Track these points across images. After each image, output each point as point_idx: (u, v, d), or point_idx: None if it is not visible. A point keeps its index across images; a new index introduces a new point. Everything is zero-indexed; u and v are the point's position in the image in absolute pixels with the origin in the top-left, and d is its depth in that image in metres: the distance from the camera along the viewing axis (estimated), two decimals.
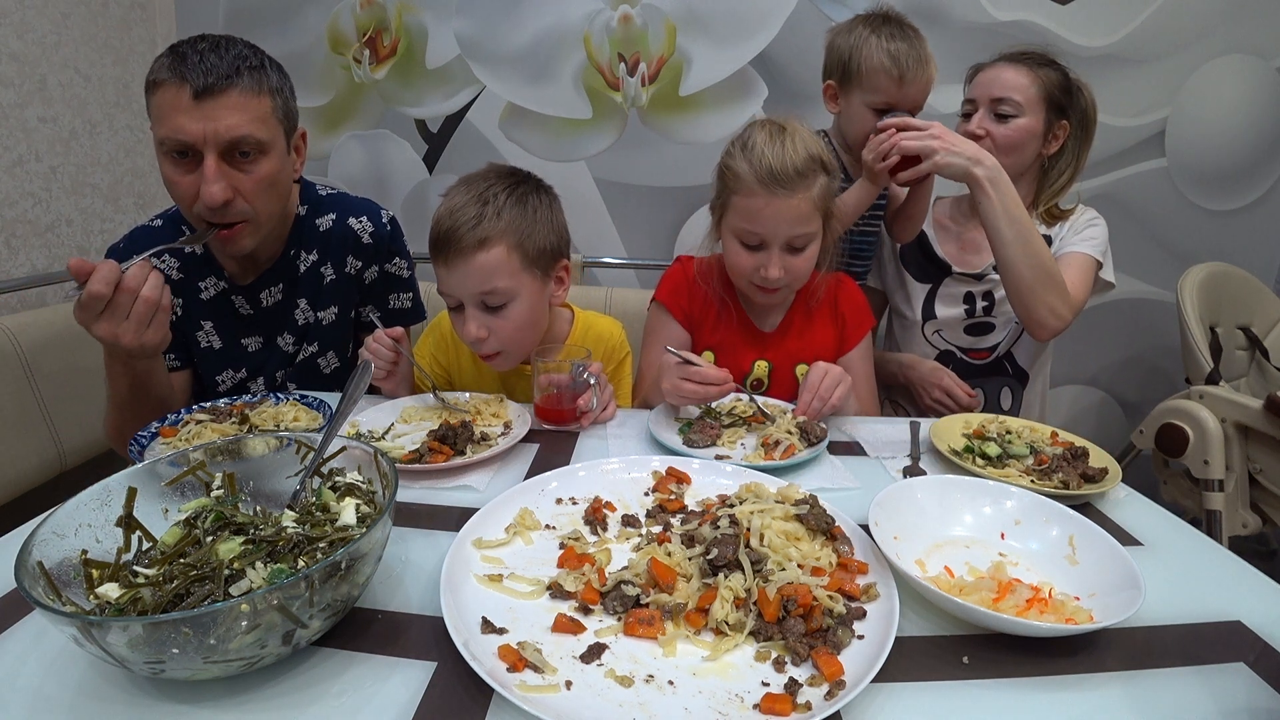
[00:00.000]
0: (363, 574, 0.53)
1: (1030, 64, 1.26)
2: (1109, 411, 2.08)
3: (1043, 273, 1.13)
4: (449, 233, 0.96)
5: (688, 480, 0.81)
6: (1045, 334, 1.18)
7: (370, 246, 1.20)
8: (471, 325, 0.99)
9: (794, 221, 1.02)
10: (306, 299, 1.17)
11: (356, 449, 0.66)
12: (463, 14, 1.81)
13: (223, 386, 1.17)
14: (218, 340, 1.14)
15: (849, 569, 0.63)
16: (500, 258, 0.97)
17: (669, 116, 1.85)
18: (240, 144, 0.95)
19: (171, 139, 0.92)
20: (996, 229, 1.12)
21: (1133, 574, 0.59)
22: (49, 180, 1.60)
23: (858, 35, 1.20)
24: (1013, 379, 1.40)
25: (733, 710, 0.48)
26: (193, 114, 0.91)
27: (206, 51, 0.92)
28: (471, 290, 0.98)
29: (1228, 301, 1.71)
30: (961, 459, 0.88)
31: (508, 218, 0.97)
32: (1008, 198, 1.10)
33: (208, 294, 1.12)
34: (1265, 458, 1.42)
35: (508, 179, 1.02)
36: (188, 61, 0.91)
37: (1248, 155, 1.87)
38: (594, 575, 0.61)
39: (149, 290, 0.83)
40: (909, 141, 1.10)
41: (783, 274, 1.05)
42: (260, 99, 0.97)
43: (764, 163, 1.00)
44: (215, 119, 0.92)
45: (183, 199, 0.97)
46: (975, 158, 1.10)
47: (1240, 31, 1.78)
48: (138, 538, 0.57)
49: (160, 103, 0.92)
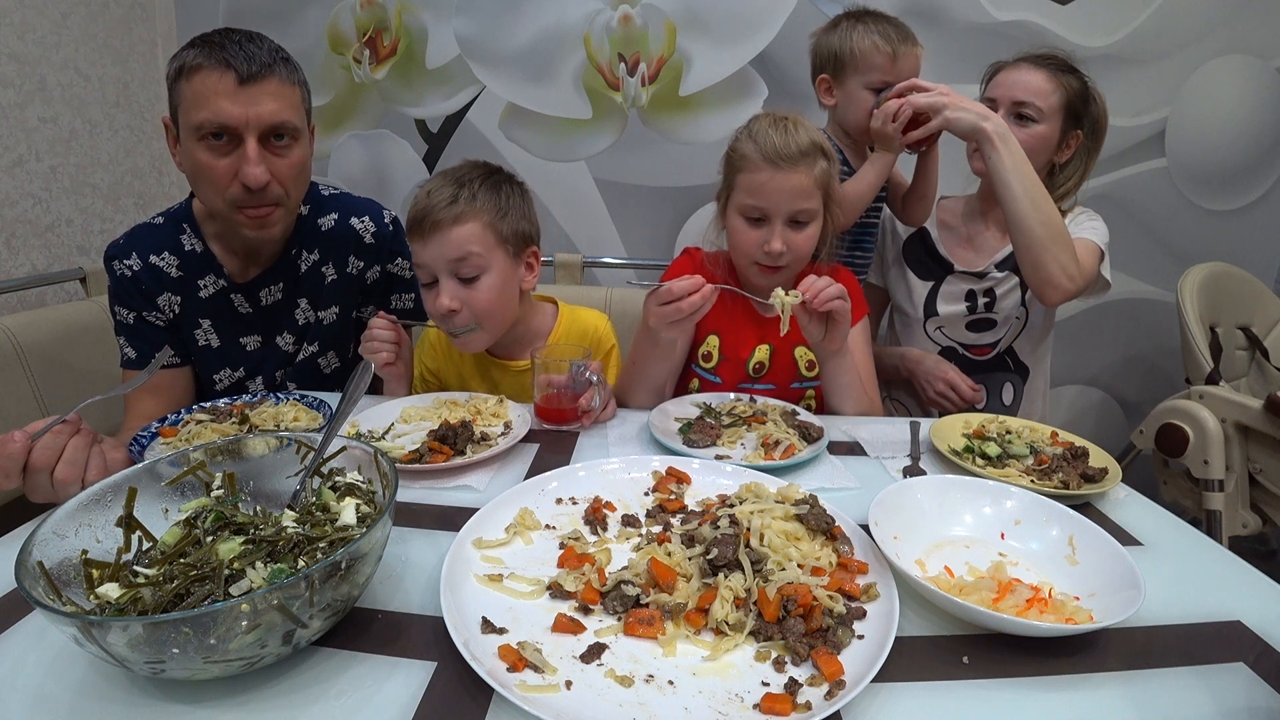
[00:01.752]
0: (363, 574, 0.53)
1: (1053, 69, 1.26)
2: (1109, 411, 2.08)
3: (1054, 229, 1.13)
4: (425, 209, 1.02)
5: (688, 480, 0.81)
6: (1056, 295, 1.16)
7: (372, 246, 1.21)
8: (444, 297, 1.03)
9: (796, 195, 1.05)
10: (307, 299, 1.18)
11: (356, 449, 0.66)
12: (463, 14, 1.81)
13: (220, 385, 1.17)
14: (216, 339, 1.14)
15: (849, 569, 0.63)
16: (475, 231, 1.02)
17: (669, 116, 1.85)
18: (279, 129, 0.98)
19: (213, 121, 0.93)
20: (1006, 184, 1.13)
21: (1133, 574, 0.59)
22: (49, 180, 1.60)
23: (844, 28, 1.25)
24: (1014, 374, 1.41)
25: (733, 710, 0.48)
26: (237, 98, 0.93)
27: (244, 41, 0.95)
28: (447, 257, 1.02)
29: (1228, 301, 1.71)
30: (961, 459, 0.88)
31: (482, 199, 1.04)
32: (1016, 154, 1.12)
33: (207, 292, 1.12)
34: (1265, 458, 1.42)
35: (482, 169, 1.08)
36: (228, 50, 0.93)
37: (1248, 155, 1.87)
38: (594, 575, 0.61)
39: (61, 472, 0.70)
40: (919, 98, 1.12)
41: (785, 249, 1.07)
42: (294, 89, 1.00)
43: (769, 142, 1.04)
44: (258, 103, 0.94)
45: (217, 181, 0.97)
46: (984, 114, 1.13)
47: (1240, 31, 1.78)
48: (138, 538, 0.57)
49: (199, 88, 0.93)
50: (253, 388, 1.18)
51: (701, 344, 1.20)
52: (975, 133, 1.13)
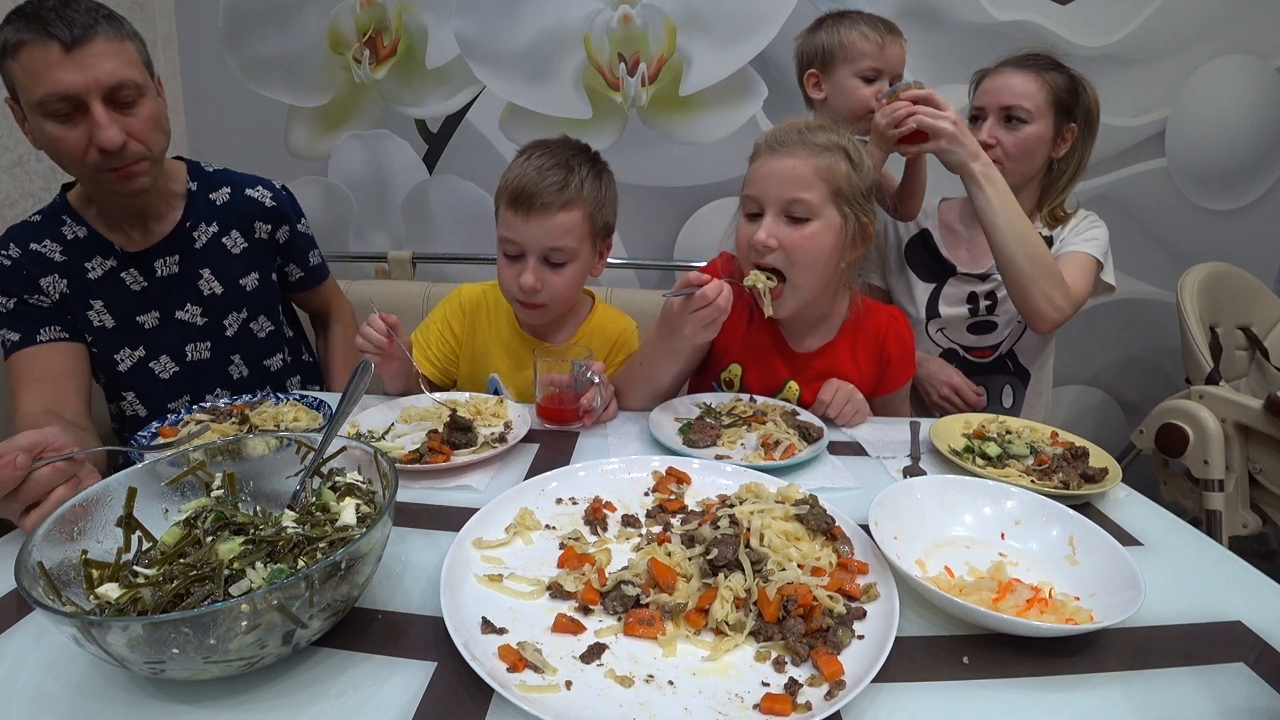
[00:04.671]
0: (363, 574, 0.53)
1: (1036, 68, 1.26)
2: (1109, 411, 2.08)
3: (1039, 264, 1.15)
4: (535, 187, 1.03)
5: (688, 480, 0.81)
6: (1044, 325, 1.19)
7: (275, 209, 1.25)
8: (530, 275, 1.06)
9: (789, 181, 0.97)
10: (210, 269, 1.18)
11: (356, 449, 0.66)
12: (463, 14, 1.81)
13: (123, 365, 1.14)
14: (110, 319, 1.12)
15: (849, 569, 0.63)
16: (576, 220, 1.06)
17: (669, 116, 1.85)
18: (121, 88, 0.95)
19: (53, 94, 0.91)
20: (993, 222, 1.14)
21: (1133, 574, 0.59)
22: (49, 180, 1.60)
23: (828, 26, 1.29)
24: (1014, 377, 1.40)
25: (733, 710, 0.48)
26: (68, 66, 0.91)
27: (60, 7, 0.92)
28: (543, 243, 1.06)
29: (1228, 301, 1.71)
30: (961, 459, 0.88)
31: (589, 188, 1.07)
32: (1002, 192, 1.14)
33: (95, 274, 1.10)
34: (1265, 458, 1.42)
35: (586, 154, 1.11)
36: (44, 18, 0.90)
37: (1248, 155, 1.87)
38: (594, 575, 0.61)
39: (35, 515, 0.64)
40: (925, 118, 1.12)
41: (774, 243, 0.97)
42: (124, 44, 0.97)
43: (774, 131, 1.03)
44: (92, 67, 0.92)
45: (73, 153, 0.96)
46: (975, 153, 1.13)
47: (1240, 31, 1.78)
48: (138, 538, 0.57)
49: (28, 64, 0.91)
50: (158, 368, 1.16)
51: (724, 370, 1.16)
52: (961, 169, 1.14)
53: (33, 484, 0.63)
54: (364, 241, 2.03)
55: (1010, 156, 1.25)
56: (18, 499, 0.63)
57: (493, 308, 1.23)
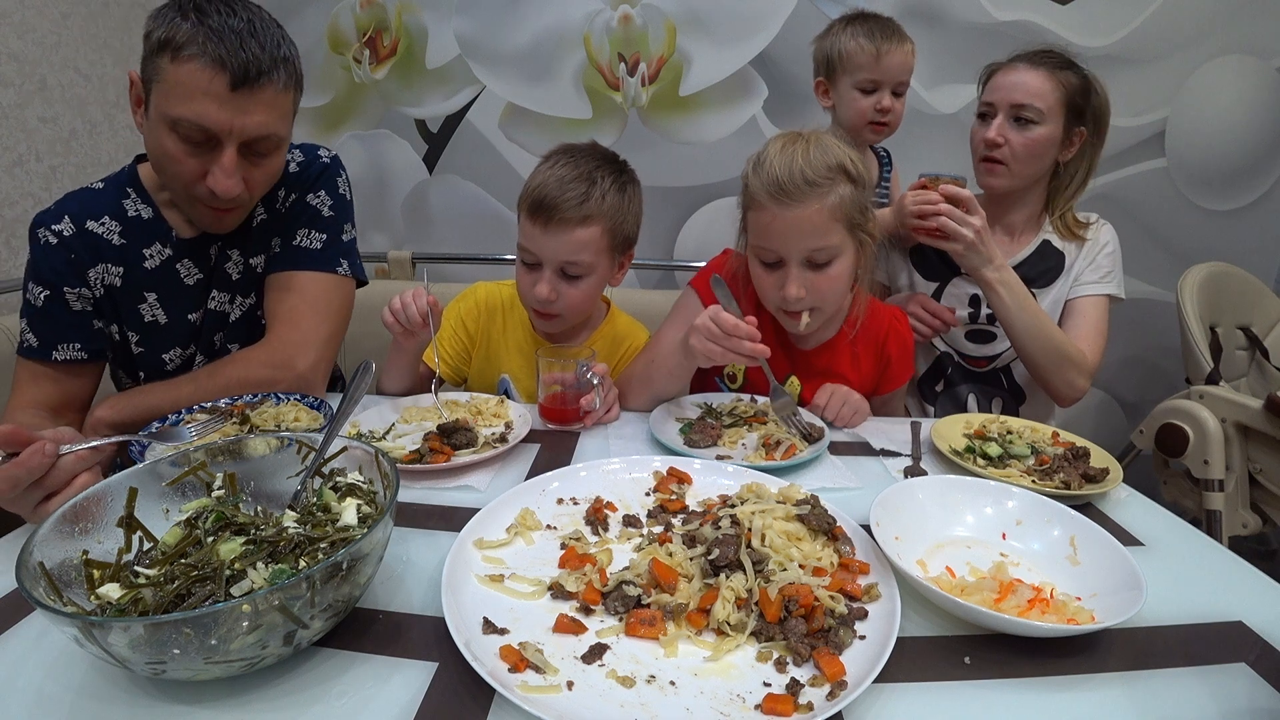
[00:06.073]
0: (364, 574, 0.53)
1: (1050, 66, 1.22)
2: (1109, 411, 2.08)
3: (1057, 355, 1.19)
4: (556, 200, 1.02)
5: (689, 480, 0.81)
6: (1066, 404, 1.25)
7: (297, 174, 1.08)
8: (544, 287, 1.07)
9: (806, 234, 0.96)
10: (239, 249, 1.07)
11: (357, 449, 0.66)
12: (463, 14, 1.81)
13: (171, 365, 1.06)
14: (163, 314, 1.04)
15: (850, 569, 0.63)
16: (594, 235, 1.05)
17: (669, 116, 1.85)
18: (262, 140, 0.90)
19: (193, 123, 0.85)
20: (1010, 322, 1.19)
21: (1134, 574, 0.59)
22: (49, 180, 1.59)
23: (834, 32, 1.33)
24: (1007, 393, 1.39)
25: (734, 711, 0.48)
26: (226, 105, 0.85)
27: (246, 36, 0.84)
28: (559, 256, 1.05)
29: (1228, 301, 1.71)
30: (962, 459, 0.88)
31: (610, 202, 1.06)
32: (1018, 295, 1.17)
33: (153, 263, 1.01)
34: (1265, 458, 1.42)
35: (612, 164, 1.10)
36: (225, 43, 0.83)
37: (1248, 155, 1.87)
38: (595, 576, 0.61)
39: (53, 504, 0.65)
40: (951, 222, 1.14)
41: (804, 293, 0.98)
42: (289, 94, 0.92)
43: (771, 174, 0.96)
44: (246, 113, 0.87)
45: (182, 176, 0.90)
46: (991, 258, 1.16)
47: (1240, 31, 1.78)
48: (139, 538, 0.57)
49: (184, 79, 0.83)
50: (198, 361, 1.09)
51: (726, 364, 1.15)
52: (976, 274, 1.17)
53: (58, 471, 0.64)
54: (364, 241, 2.00)
55: (1018, 157, 1.22)
56: (42, 486, 0.64)
57: (509, 309, 1.22)
